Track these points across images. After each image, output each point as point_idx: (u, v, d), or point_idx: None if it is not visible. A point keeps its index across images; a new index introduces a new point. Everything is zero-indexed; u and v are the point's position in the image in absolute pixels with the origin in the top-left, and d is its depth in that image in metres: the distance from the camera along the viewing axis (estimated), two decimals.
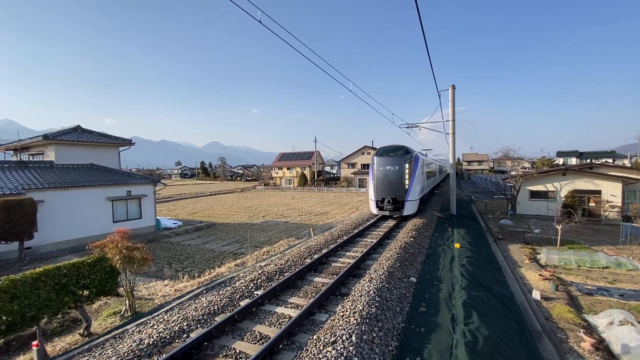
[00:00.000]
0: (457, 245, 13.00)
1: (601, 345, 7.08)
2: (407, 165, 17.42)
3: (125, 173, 23.57)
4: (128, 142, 25.18)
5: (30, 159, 23.72)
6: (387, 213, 17.86)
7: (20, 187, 16.15)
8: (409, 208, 17.53)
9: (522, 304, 8.97)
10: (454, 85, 22.18)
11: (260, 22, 7.05)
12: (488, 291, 9.00)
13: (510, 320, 7.55)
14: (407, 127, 27.09)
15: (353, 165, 71.27)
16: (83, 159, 22.20)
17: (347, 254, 11.64)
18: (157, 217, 23.61)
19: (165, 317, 6.99)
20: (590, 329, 7.81)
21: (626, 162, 71.01)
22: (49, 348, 7.47)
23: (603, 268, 12.75)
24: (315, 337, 5.60)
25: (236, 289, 8.18)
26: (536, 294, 9.63)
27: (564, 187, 25.05)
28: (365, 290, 7.46)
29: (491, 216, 24.94)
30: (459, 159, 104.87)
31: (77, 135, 22.83)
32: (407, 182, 17.41)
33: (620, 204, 23.01)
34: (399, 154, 17.85)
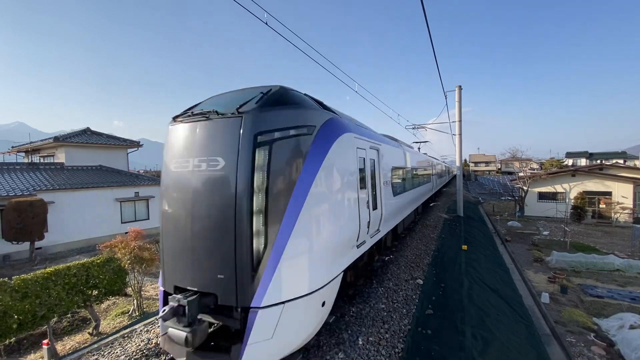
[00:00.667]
0: (464, 247, 12.89)
1: (612, 349, 6.96)
2: (267, 157, 4.03)
3: (133, 174, 23.86)
4: (136, 144, 25.48)
5: (41, 160, 24.14)
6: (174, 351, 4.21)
7: (32, 189, 16.44)
8: (268, 341, 3.81)
9: (530, 307, 8.86)
10: (460, 86, 22.02)
11: (266, 24, 7.08)
12: (496, 294, 8.91)
13: (519, 324, 7.46)
14: (413, 128, 26.97)
15: None
16: (92, 161, 22.52)
17: None
18: None
19: None
20: (600, 333, 7.68)
21: (637, 163, 69.66)
22: (59, 347, 7.59)
23: (613, 271, 12.54)
24: (321, 338, 5.59)
25: None
26: (545, 297, 9.51)
27: (573, 189, 24.72)
28: (372, 292, 7.43)
29: (499, 218, 24.69)
30: (465, 160, 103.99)
31: (86, 138, 23.17)
32: (263, 221, 3.93)
33: (631, 206, 22.61)
34: (249, 105, 4.24)
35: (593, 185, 24.08)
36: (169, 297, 4.08)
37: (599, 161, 63.69)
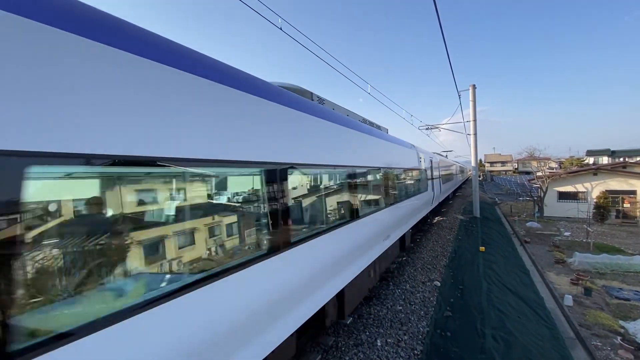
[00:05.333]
0: (481, 249, 12.67)
1: None
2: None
3: None
4: None
5: None
6: None
7: None
8: None
9: (553, 310, 8.63)
10: (474, 85, 21.71)
11: (280, 29, 7.21)
12: (516, 296, 8.73)
13: (541, 327, 7.29)
14: (427, 129, 26.73)
15: None
16: None
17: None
18: None
19: None
20: (628, 336, 7.43)
21: None
22: None
23: None
24: (340, 339, 5.63)
25: None
26: (568, 300, 9.25)
27: (595, 188, 23.94)
28: (389, 294, 7.42)
29: (517, 218, 24.12)
30: (480, 160, 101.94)
31: None
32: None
33: None
34: None
35: (616, 183, 23.24)
36: None
37: (622, 159, 61.44)
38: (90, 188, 1.97)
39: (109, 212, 2.02)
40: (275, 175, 3.36)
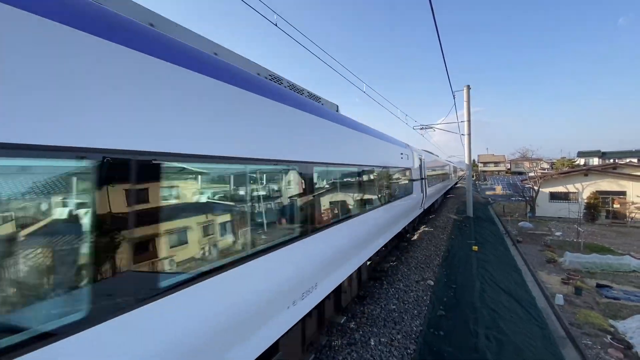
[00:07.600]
0: (475, 248, 12.74)
1: (630, 352, 6.81)
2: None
3: None
4: None
5: None
6: None
7: None
8: None
9: (544, 309, 8.71)
10: (468, 86, 21.83)
11: (276, 25, 7.13)
12: (508, 295, 8.79)
13: (533, 326, 7.35)
14: (421, 129, 26.81)
15: None
16: None
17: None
18: None
19: None
20: (617, 335, 7.52)
21: None
22: None
23: (629, 272, 12.25)
24: (333, 339, 5.59)
25: None
26: (559, 299, 9.34)
27: (586, 188, 24.26)
28: (382, 293, 7.41)
29: (509, 218, 24.33)
30: (474, 160, 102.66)
31: None
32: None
33: None
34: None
35: (607, 184, 23.58)
36: None
37: (612, 160, 62.32)
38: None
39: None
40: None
